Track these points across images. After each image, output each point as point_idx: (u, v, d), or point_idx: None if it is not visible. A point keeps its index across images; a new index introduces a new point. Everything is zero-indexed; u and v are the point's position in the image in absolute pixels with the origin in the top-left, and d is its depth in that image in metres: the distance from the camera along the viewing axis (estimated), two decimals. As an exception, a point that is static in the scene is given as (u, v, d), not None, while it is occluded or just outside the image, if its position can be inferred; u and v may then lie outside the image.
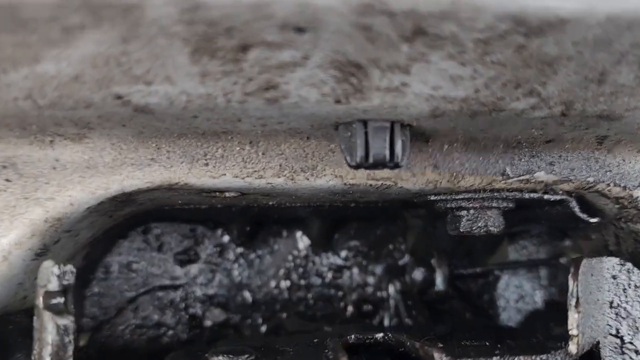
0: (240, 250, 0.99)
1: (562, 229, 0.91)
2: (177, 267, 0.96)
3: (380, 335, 0.72)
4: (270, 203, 0.82)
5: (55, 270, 0.60)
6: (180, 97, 0.56)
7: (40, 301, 0.61)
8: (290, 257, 1.00)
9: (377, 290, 1.01)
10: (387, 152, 0.62)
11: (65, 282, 0.60)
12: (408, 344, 0.69)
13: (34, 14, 0.46)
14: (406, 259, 1.01)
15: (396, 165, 0.63)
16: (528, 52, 0.52)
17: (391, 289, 1.00)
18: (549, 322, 0.92)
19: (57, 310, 0.60)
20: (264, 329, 0.97)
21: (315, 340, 0.72)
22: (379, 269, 1.01)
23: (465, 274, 0.99)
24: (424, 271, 0.98)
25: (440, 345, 0.66)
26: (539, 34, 0.50)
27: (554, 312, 0.94)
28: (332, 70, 0.54)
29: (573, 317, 0.66)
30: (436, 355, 0.64)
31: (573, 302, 0.66)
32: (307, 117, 0.61)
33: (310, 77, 0.54)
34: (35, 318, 0.62)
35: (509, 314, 0.99)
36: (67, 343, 0.59)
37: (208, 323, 0.96)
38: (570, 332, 0.66)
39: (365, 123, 0.62)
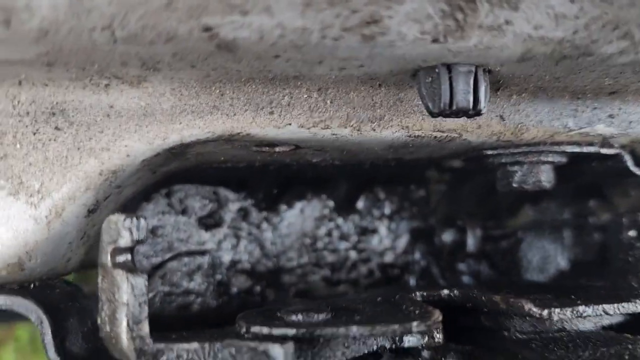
0: (264, 214, 0.94)
1: (598, 186, 0.92)
2: (202, 232, 0.91)
3: (445, 292, 0.71)
4: (315, 160, 0.79)
5: (128, 223, 0.55)
6: (274, 31, 0.52)
7: (108, 259, 0.55)
8: (315, 221, 0.97)
9: (403, 254, 0.99)
10: (472, 98, 0.60)
11: (137, 237, 0.55)
12: (483, 298, 0.67)
13: None
14: (432, 221, 1.00)
15: (478, 113, 0.61)
16: (640, -12, 0.51)
17: (417, 252, 0.98)
18: (577, 280, 0.93)
19: (128, 268, 0.54)
20: (291, 293, 0.94)
21: (379, 299, 0.69)
22: (405, 232, 0.99)
23: (490, 235, 0.99)
24: (454, 233, 0.97)
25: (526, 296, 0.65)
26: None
27: (580, 273, 0.95)
28: (441, 3, 0.51)
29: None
30: (526, 305, 0.63)
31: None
32: (393, 60, 0.58)
33: (417, 11, 0.51)
34: (100, 279, 0.56)
35: (532, 276, 0.99)
36: (143, 303, 0.54)
37: (234, 290, 0.91)
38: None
39: (449, 67, 0.60)
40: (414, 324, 0.58)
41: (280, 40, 0.53)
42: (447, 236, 0.97)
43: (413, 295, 0.69)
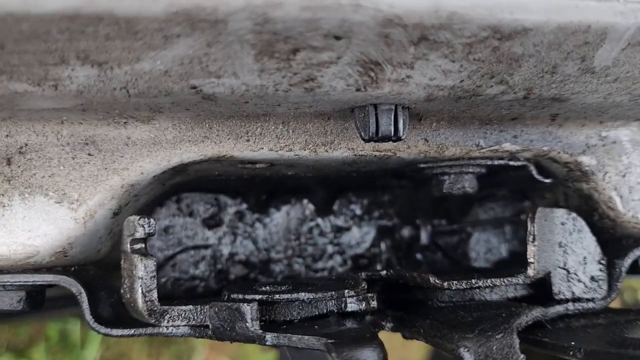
0: (256, 215, 1.16)
1: (522, 191, 1.12)
2: (205, 230, 1.13)
3: (384, 272, 0.92)
4: (289, 173, 1.01)
5: (141, 221, 0.77)
6: (241, 88, 0.74)
7: (128, 247, 0.78)
8: (298, 221, 1.18)
9: (371, 247, 1.20)
10: (392, 128, 0.81)
11: (148, 231, 0.77)
12: (408, 274, 0.88)
13: (145, 25, 0.63)
14: (395, 220, 1.21)
15: (398, 139, 0.82)
16: (500, 52, 0.71)
17: (383, 245, 1.19)
18: (512, 267, 1.12)
19: (142, 253, 0.77)
20: (279, 279, 1.16)
21: (333, 277, 0.90)
22: (372, 230, 1.21)
23: (443, 231, 1.20)
24: (410, 229, 1.18)
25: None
26: (509, 38, 0.69)
27: (517, 260, 1.15)
28: (357, 67, 0.72)
29: (531, 249, 0.87)
30: (431, 278, 0.84)
31: (530, 238, 0.87)
32: (332, 102, 0.80)
33: (340, 72, 0.73)
34: (122, 261, 0.79)
35: (480, 264, 1.19)
36: (152, 277, 0.76)
37: (232, 276, 1.14)
38: (529, 260, 0.86)
39: (375, 106, 0.81)
40: (346, 291, 0.79)
41: (246, 93, 0.75)
42: (405, 232, 1.18)
43: (359, 275, 0.90)
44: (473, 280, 0.86)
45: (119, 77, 0.70)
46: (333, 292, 0.79)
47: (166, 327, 0.79)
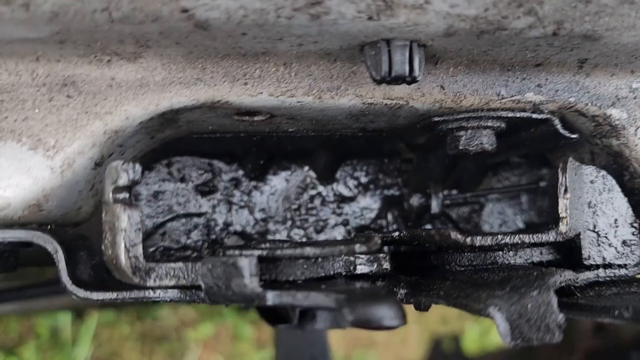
0: (253, 183, 1.08)
1: (542, 152, 1.03)
2: (198, 197, 1.05)
3: (396, 233, 0.83)
4: (290, 130, 0.92)
5: (125, 166, 0.68)
6: (238, 12, 0.65)
7: (109, 196, 0.69)
8: (299, 189, 1.10)
9: (377, 218, 1.12)
10: (407, 67, 0.73)
11: (133, 177, 0.68)
12: (424, 234, 0.79)
13: None
14: (403, 189, 1.12)
15: (414, 80, 0.74)
16: (531, -28, 0.63)
17: (390, 216, 1.10)
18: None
19: (126, 203, 0.68)
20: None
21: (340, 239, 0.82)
22: (379, 199, 1.12)
23: (454, 201, 1.11)
24: (420, 197, 1.10)
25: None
26: (542, -45, 0.61)
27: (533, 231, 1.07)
28: (370, -13, 0.64)
29: (563, 203, 0.78)
30: (452, 234, 0.75)
31: (562, 190, 0.79)
32: (340, 36, 0.71)
33: (351, -6, 0.64)
34: (104, 214, 0.70)
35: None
36: (137, 230, 0.68)
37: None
38: (560, 215, 0.78)
39: (388, 42, 0.73)
40: (357, 245, 0.70)
41: (245, 20, 0.67)
42: (414, 200, 1.10)
43: (376, 239, 0.81)
44: (499, 236, 0.77)
45: (99, -6, 0.61)
46: (342, 247, 0.70)
47: (153, 289, 0.71)
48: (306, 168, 1.10)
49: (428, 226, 1.11)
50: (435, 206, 1.08)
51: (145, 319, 3.30)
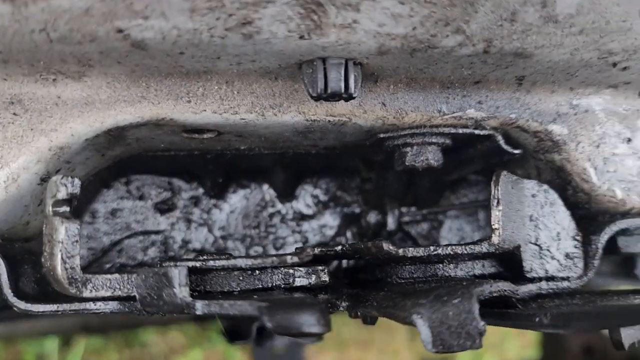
0: (213, 201, 1.09)
1: (491, 166, 1.05)
2: (157, 215, 1.06)
3: (339, 247, 0.84)
4: (242, 147, 0.94)
5: (63, 180, 0.70)
6: (172, 32, 0.68)
7: (49, 209, 0.70)
8: (257, 207, 1.11)
9: (336, 236, 1.13)
10: (342, 85, 0.75)
11: (71, 191, 0.70)
12: (363, 246, 0.81)
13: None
14: (362, 206, 1.14)
15: (350, 97, 0.76)
16: (453, -8, 0.65)
17: (349, 233, 1.12)
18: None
19: (65, 216, 0.70)
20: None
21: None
22: (337, 216, 1.13)
23: (413, 218, 1.13)
24: (377, 214, 1.11)
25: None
26: (461, -25, 0.63)
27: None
28: (297, 8, 0.66)
29: (495, 215, 0.80)
30: (384, 245, 0.77)
31: (494, 202, 0.80)
32: (275, 55, 0.74)
33: (279, 14, 0.67)
34: (44, 227, 0.72)
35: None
36: (75, 243, 0.69)
37: (185, 265, 1.06)
38: (493, 226, 0.80)
39: (324, 60, 0.75)
40: (289, 256, 0.72)
41: (179, 40, 0.69)
42: (372, 217, 1.11)
43: (308, 250, 0.82)
44: (431, 247, 0.78)
45: (35, 15, 0.64)
46: (274, 258, 0.71)
47: (92, 300, 0.72)
48: (265, 186, 1.12)
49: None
50: (391, 223, 1.09)
51: (133, 346, 3.28)
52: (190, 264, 0.71)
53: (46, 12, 0.63)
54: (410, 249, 0.78)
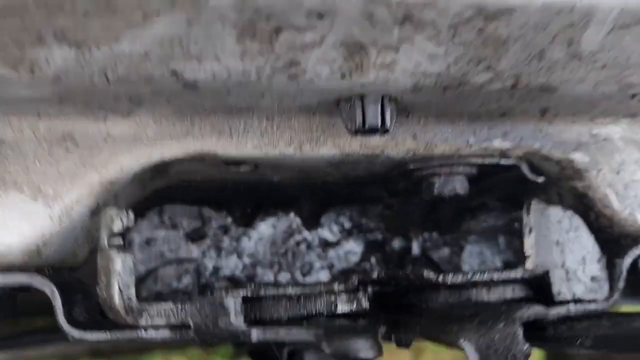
0: (242, 229, 1.13)
1: (515, 195, 1.09)
2: (189, 243, 1.10)
3: (375, 274, 0.88)
4: (275, 180, 0.98)
5: (119, 213, 0.74)
6: (222, 73, 0.72)
7: (105, 242, 0.74)
8: (285, 234, 1.15)
9: (361, 261, 1.17)
10: (379, 120, 0.79)
11: (126, 224, 0.74)
12: (400, 273, 0.84)
13: (125, 1, 0.61)
14: (385, 233, 1.17)
15: (386, 131, 0.80)
16: (486, 34, 0.70)
17: (373, 259, 1.16)
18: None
19: (120, 248, 0.73)
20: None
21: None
22: (361, 243, 1.17)
23: (435, 243, 1.16)
24: (401, 240, 1.15)
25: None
26: (494, 18, 0.68)
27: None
28: (341, 49, 0.71)
29: (528, 241, 0.84)
30: (425, 272, 0.80)
31: (527, 230, 0.84)
32: (317, 92, 0.78)
33: (324, 55, 0.71)
34: (99, 259, 0.75)
35: (474, 277, 1.15)
36: (131, 273, 0.73)
37: (217, 292, 1.09)
38: (526, 253, 0.83)
39: (361, 97, 0.79)
40: (335, 284, 0.76)
41: (229, 80, 0.73)
42: (396, 243, 1.15)
43: (353, 278, 0.86)
44: (469, 274, 0.82)
45: (97, 60, 0.68)
46: (322, 285, 0.75)
47: (145, 328, 0.75)
48: (292, 215, 1.15)
49: (410, 268, 1.16)
50: (415, 248, 1.13)
51: (137, 369, 3.28)
52: (243, 292, 0.74)
53: (107, 57, 0.68)
54: (450, 275, 0.82)
